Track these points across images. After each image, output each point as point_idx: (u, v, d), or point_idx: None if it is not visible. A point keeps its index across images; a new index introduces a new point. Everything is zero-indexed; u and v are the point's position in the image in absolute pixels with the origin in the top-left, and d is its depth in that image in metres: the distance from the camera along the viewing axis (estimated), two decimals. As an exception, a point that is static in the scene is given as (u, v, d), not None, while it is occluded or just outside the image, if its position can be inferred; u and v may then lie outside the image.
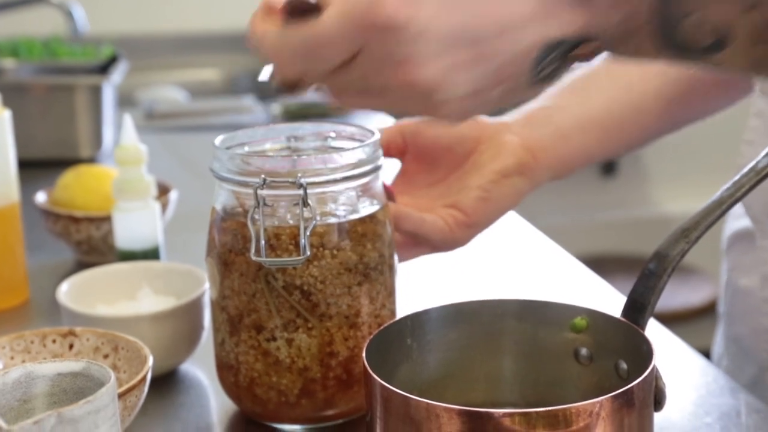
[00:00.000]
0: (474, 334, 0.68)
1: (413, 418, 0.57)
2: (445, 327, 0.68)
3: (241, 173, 0.68)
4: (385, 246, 0.71)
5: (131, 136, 0.92)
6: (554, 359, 0.67)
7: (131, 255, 0.92)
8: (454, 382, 0.68)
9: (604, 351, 0.65)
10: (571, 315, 0.66)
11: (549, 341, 0.67)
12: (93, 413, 0.50)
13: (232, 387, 0.72)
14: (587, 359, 0.66)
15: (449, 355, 0.68)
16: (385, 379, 0.59)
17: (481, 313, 0.68)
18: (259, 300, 0.69)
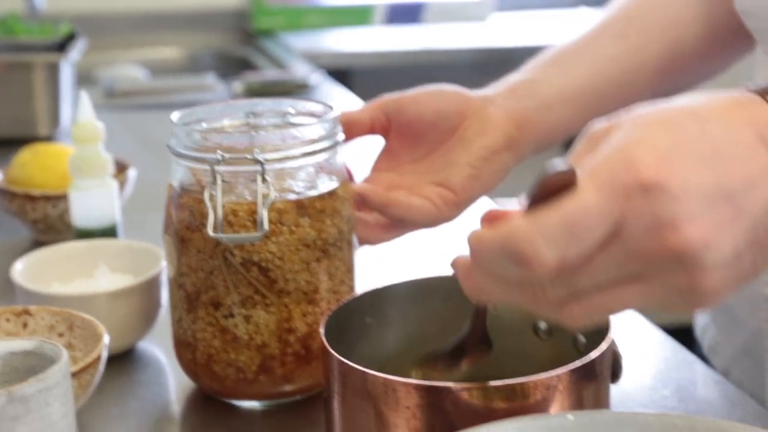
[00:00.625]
0: (433, 310, 0.68)
1: (371, 393, 0.57)
2: (403, 303, 0.68)
3: (198, 149, 0.68)
4: (344, 222, 0.71)
5: (88, 113, 0.90)
6: (513, 333, 0.67)
7: (88, 233, 0.91)
8: (412, 358, 0.68)
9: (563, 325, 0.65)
10: None
11: (508, 315, 0.67)
12: (44, 391, 0.49)
13: (190, 364, 0.72)
14: (546, 333, 0.66)
15: (408, 331, 0.68)
16: (343, 355, 0.58)
17: (440, 289, 0.68)
18: (216, 277, 0.68)
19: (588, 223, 0.46)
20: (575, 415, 0.53)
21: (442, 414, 0.55)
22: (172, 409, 0.73)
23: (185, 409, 0.73)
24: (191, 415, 0.72)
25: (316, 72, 1.84)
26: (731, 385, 0.73)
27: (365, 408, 0.57)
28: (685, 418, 0.52)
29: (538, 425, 0.52)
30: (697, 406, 0.70)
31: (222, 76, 1.89)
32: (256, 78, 1.79)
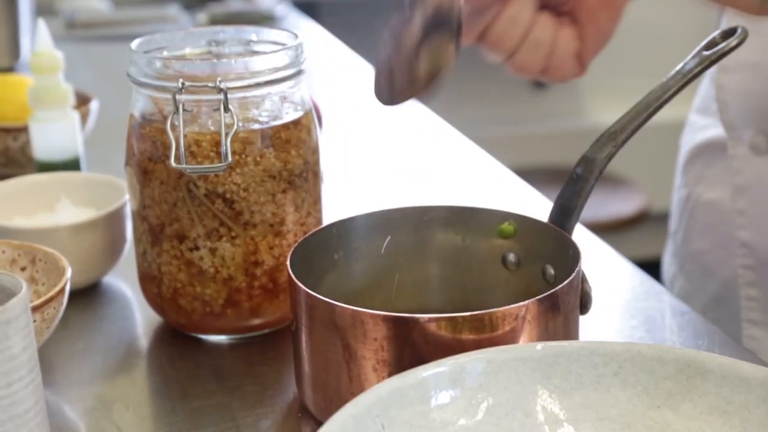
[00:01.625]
0: (400, 242, 0.67)
1: (338, 325, 0.56)
2: (371, 234, 0.67)
3: (159, 77, 0.66)
4: (309, 152, 0.70)
5: (46, 42, 0.88)
6: (482, 265, 0.67)
7: (51, 166, 0.90)
8: (381, 290, 0.68)
9: (532, 256, 0.65)
10: (498, 220, 0.66)
11: (476, 247, 0.67)
12: (3, 324, 0.48)
13: (156, 298, 0.71)
14: (515, 265, 0.66)
15: (376, 263, 0.67)
16: (311, 287, 0.58)
17: (407, 220, 0.67)
18: (180, 209, 0.67)
19: None
20: (544, 345, 0.53)
21: (411, 345, 0.55)
22: (138, 344, 0.73)
23: (152, 344, 0.72)
24: (158, 350, 0.71)
25: (282, 3, 1.81)
26: (698, 315, 0.73)
27: (333, 340, 0.57)
28: (652, 348, 0.52)
29: (507, 356, 0.52)
30: (664, 336, 0.70)
31: (186, 7, 1.86)
32: (220, 9, 1.76)
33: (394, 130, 1.20)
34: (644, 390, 0.52)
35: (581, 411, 0.52)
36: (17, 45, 1.41)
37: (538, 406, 0.52)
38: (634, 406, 0.52)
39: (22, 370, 0.50)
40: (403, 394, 0.50)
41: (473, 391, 0.51)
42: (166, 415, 0.63)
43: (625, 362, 0.52)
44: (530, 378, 0.52)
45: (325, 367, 0.58)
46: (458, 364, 0.51)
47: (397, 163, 1.08)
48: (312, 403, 0.60)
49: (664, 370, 0.51)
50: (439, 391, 0.51)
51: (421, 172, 1.04)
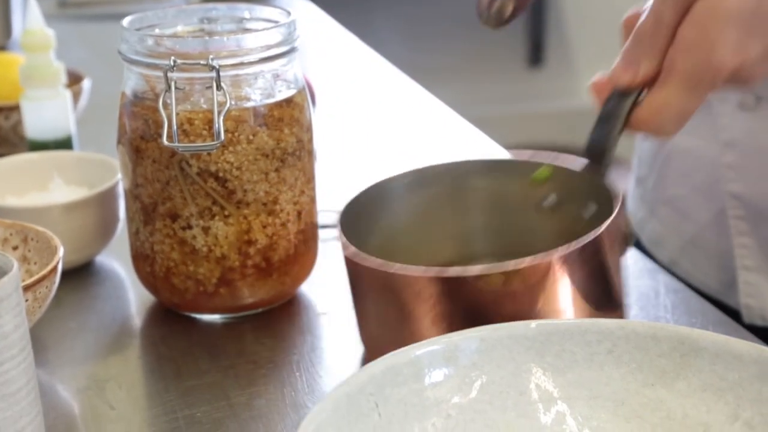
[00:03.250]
0: (440, 196, 0.69)
1: (393, 289, 0.58)
2: (410, 192, 0.68)
3: (151, 55, 0.65)
4: (303, 131, 0.69)
5: (37, 20, 0.87)
6: (521, 211, 0.68)
7: (42, 145, 0.89)
8: (426, 244, 0.69)
9: (570, 198, 0.66)
10: (534, 168, 0.67)
11: (514, 194, 0.68)
12: (-5, 303, 0.48)
13: (149, 277, 0.71)
14: (553, 208, 0.67)
15: (418, 219, 0.68)
16: (360, 247, 0.59)
17: (445, 175, 0.68)
18: (173, 187, 0.67)
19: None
20: (537, 323, 0.53)
21: (460, 301, 0.56)
22: (131, 323, 0.72)
23: (145, 323, 0.72)
24: (151, 329, 0.71)
25: (276, -19, 1.80)
26: (693, 292, 0.73)
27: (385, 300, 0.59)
28: (646, 325, 0.52)
29: (500, 334, 0.52)
30: (658, 314, 0.70)
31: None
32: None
33: (388, 108, 1.20)
34: (638, 368, 0.52)
35: (575, 389, 0.52)
36: (9, 23, 1.40)
37: (531, 384, 0.52)
38: (627, 383, 0.52)
39: (13, 349, 0.50)
40: (397, 372, 0.50)
41: (467, 369, 0.51)
42: (159, 394, 0.63)
43: (618, 340, 0.52)
44: (524, 356, 0.52)
45: (388, 326, 0.60)
46: (452, 342, 0.51)
47: (391, 141, 1.07)
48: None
49: (658, 347, 0.51)
50: (432, 369, 0.51)
51: (414, 150, 1.04)
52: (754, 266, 0.85)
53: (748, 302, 0.85)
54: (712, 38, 0.57)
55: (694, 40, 0.58)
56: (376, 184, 0.67)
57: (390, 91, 1.27)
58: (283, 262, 0.69)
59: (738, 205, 0.84)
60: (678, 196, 0.90)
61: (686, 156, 0.89)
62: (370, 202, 0.66)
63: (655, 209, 0.93)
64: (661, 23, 0.59)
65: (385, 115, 1.17)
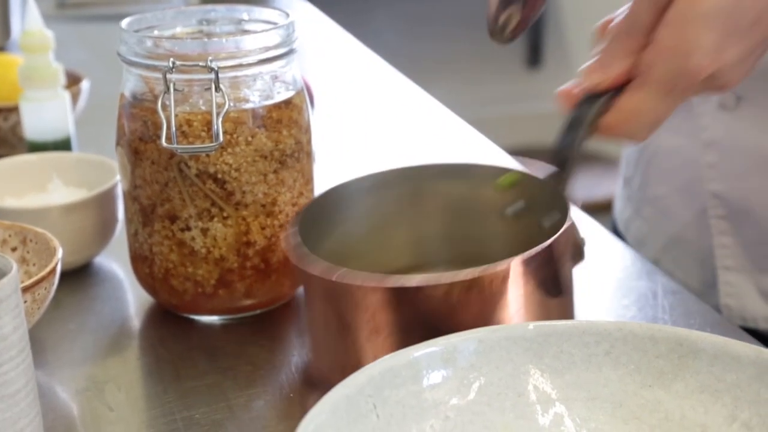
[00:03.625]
0: (399, 200, 0.68)
1: (332, 297, 0.57)
2: (369, 196, 0.68)
3: (150, 56, 0.65)
4: (301, 132, 0.69)
5: (36, 21, 0.87)
6: (481, 217, 0.68)
7: (42, 146, 0.89)
8: (383, 250, 0.69)
9: (532, 206, 0.66)
10: (497, 174, 0.67)
11: (476, 200, 0.68)
12: (-6, 305, 0.48)
13: (147, 279, 0.71)
14: (514, 216, 0.66)
15: (375, 224, 0.68)
16: (315, 252, 0.59)
17: (407, 179, 0.68)
18: (172, 189, 0.67)
19: None
20: (535, 325, 0.53)
21: (403, 312, 0.56)
22: (130, 325, 0.72)
23: (144, 325, 0.72)
24: (150, 330, 0.71)
25: (275, -18, 1.80)
26: (691, 294, 0.73)
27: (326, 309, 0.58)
28: (644, 327, 0.52)
29: (499, 335, 0.52)
30: (656, 315, 0.70)
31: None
32: (213, -11, 1.75)
33: (387, 109, 1.20)
34: (636, 369, 0.52)
35: (573, 390, 0.52)
36: (8, 24, 1.40)
37: (529, 386, 0.52)
38: (625, 385, 0.52)
39: (12, 350, 0.50)
40: (396, 374, 0.50)
41: (465, 370, 0.51)
42: (158, 395, 0.63)
43: (616, 341, 0.52)
44: (522, 357, 0.52)
45: (326, 336, 0.59)
46: (450, 344, 0.51)
47: (389, 142, 1.07)
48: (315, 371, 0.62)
49: (656, 349, 0.51)
50: (431, 370, 0.51)
51: (411, 150, 1.04)
52: (734, 266, 0.85)
53: (728, 302, 0.85)
54: (689, 41, 0.55)
55: (670, 44, 0.56)
56: (335, 187, 0.66)
57: (388, 93, 1.27)
58: (282, 263, 0.69)
59: (718, 204, 0.84)
60: (661, 195, 0.90)
61: (669, 155, 0.89)
62: (328, 206, 0.66)
63: (639, 209, 0.93)
64: (636, 24, 0.57)
65: (384, 116, 1.17)
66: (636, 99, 0.57)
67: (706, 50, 0.55)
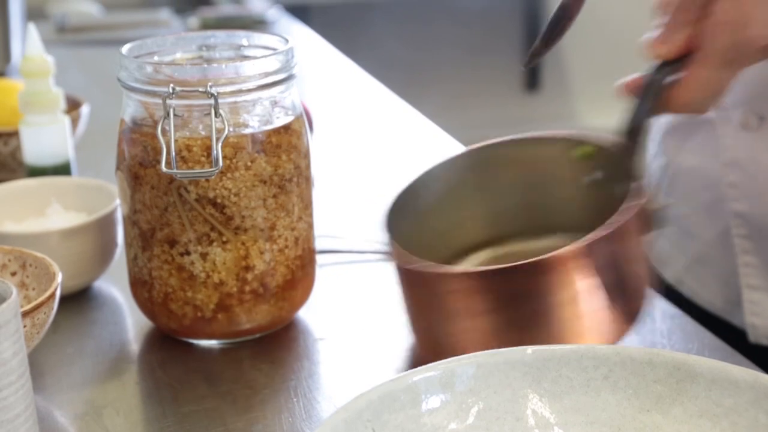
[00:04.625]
0: (475, 176, 0.71)
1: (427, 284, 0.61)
2: (448, 178, 0.71)
3: (150, 82, 0.66)
4: (300, 157, 0.70)
5: (36, 47, 0.88)
6: (555, 188, 0.70)
7: (41, 171, 0.89)
8: (467, 224, 0.71)
9: (605, 178, 0.67)
10: (570, 145, 0.69)
11: (549, 171, 0.70)
12: (-6, 330, 0.48)
13: (147, 303, 0.71)
14: (588, 186, 0.68)
15: (448, 202, 0.71)
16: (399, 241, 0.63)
17: (480, 156, 0.71)
18: (171, 214, 0.67)
19: None
20: (534, 349, 0.53)
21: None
22: (129, 349, 0.72)
23: (142, 349, 0.72)
24: (149, 355, 0.71)
25: (274, 7, 1.81)
26: (690, 318, 0.73)
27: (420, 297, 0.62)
28: (642, 351, 0.52)
29: (497, 360, 0.52)
30: (654, 339, 0.70)
31: (177, 11, 1.86)
32: (211, 13, 1.76)
33: (385, 133, 1.20)
34: (634, 393, 0.52)
35: (571, 415, 0.52)
36: (8, 49, 1.41)
37: (528, 410, 0.52)
38: (624, 409, 0.52)
39: (12, 375, 0.50)
40: (394, 398, 0.50)
41: (464, 395, 0.51)
42: (156, 420, 0.63)
43: (615, 366, 0.52)
44: (520, 382, 0.52)
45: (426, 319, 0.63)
46: (449, 368, 0.51)
47: (388, 167, 1.08)
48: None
49: (654, 373, 0.52)
50: (429, 395, 0.51)
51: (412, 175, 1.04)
52: (758, 285, 0.85)
53: (753, 321, 0.85)
54: (745, 14, 0.59)
55: (728, 17, 0.59)
56: (417, 178, 0.70)
57: (387, 117, 1.27)
58: (281, 287, 0.70)
59: (742, 223, 0.85)
60: (683, 215, 0.91)
61: (691, 175, 0.90)
62: (410, 197, 0.69)
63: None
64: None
65: (382, 141, 1.18)
66: (699, 71, 0.61)
67: (761, 21, 0.59)
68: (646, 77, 0.63)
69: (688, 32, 0.62)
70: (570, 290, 0.59)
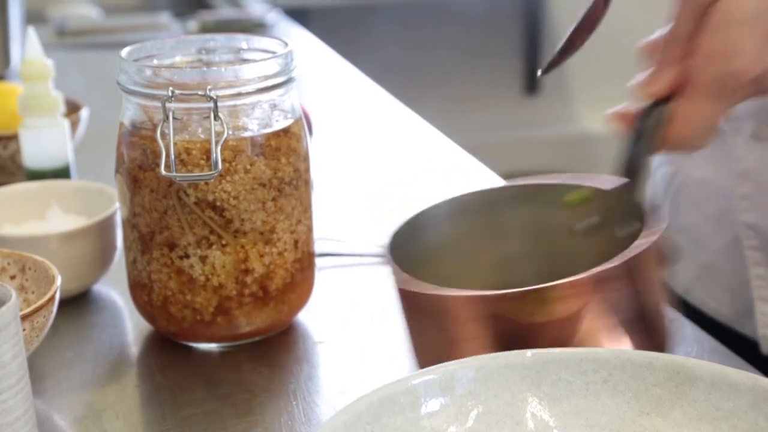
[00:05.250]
0: (482, 222, 0.69)
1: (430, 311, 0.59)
2: (454, 219, 0.69)
3: (149, 86, 0.66)
4: (300, 160, 0.70)
5: (36, 50, 0.88)
6: (559, 236, 0.68)
7: (41, 174, 0.90)
8: (466, 273, 0.69)
9: (608, 219, 0.66)
10: (567, 191, 0.67)
11: (553, 217, 0.68)
12: (-7, 333, 0.48)
13: (146, 306, 0.71)
14: (590, 232, 0.67)
15: (456, 248, 0.69)
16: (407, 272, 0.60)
17: (488, 202, 0.69)
18: (170, 217, 0.67)
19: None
20: (533, 352, 0.53)
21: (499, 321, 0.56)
22: (128, 352, 0.72)
23: (142, 352, 0.72)
24: (148, 358, 0.71)
25: (273, 10, 1.81)
26: (689, 321, 0.73)
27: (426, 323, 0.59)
28: (642, 355, 0.52)
29: (497, 363, 0.52)
30: (654, 342, 0.70)
31: (176, 14, 1.86)
32: (211, 17, 1.76)
33: (385, 137, 1.20)
34: (634, 397, 0.52)
35: (571, 418, 0.52)
36: (7, 53, 1.41)
37: (527, 414, 0.52)
38: (623, 413, 0.52)
39: (11, 378, 0.50)
40: (394, 401, 0.50)
41: (463, 398, 0.51)
42: (156, 423, 0.63)
43: (614, 369, 0.52)
44: (520, 385, 0.52)
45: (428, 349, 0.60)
46: (448, 372, 0.51)
47: (387, 170, 1.08)
48: None
49: (654, 377, 0.52)
50: (429, 398, 0.51)
51: (411, 179, 1.04)
52: None
53: (766, 333, 0.84)
54: (732, 44, 0.57)
55: (714, 48, 0.58)
56: (416, 215, 0.67)
57: (386, 120, 1.27)
58: (280, 290, 0.70)
59: (753, 235, 0.84)
60: (691, 224, 0.90)
61: (700, 186, 0.89)
62: (413, 233, 0.67)
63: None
64: (678, 34, 0.60)
65: (382, 143, 1.18)
66: (689, 105, 0.60)
67: (749, 52, 0.57)
68: (637, 122, 0.62)
69: (677, 69, 0.60)
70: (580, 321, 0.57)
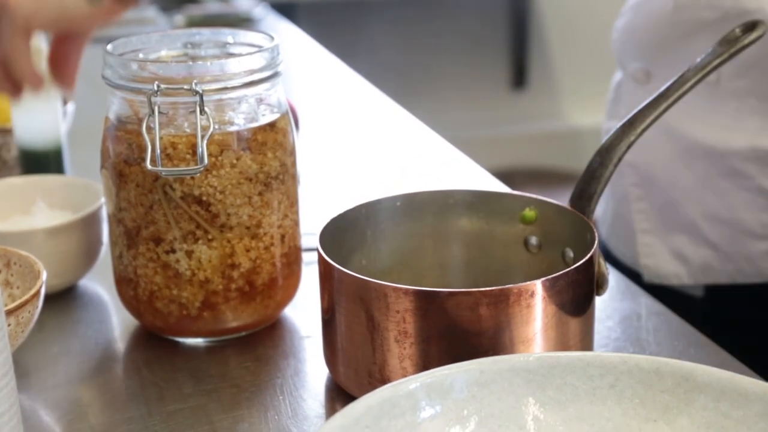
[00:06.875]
0: (426, 224, 0.69)
1: (363, 299, 0.58)
2: (397, 216, 0.69)
3: (135, 80, 0.66)
4: (286, 155, 0.69)
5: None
6: (504, 248, 0.69)
7: (33, 154, 0.89)
8: (407, 270, 0.69)
9: (552, 240, 0.67)
10: (520, 205, 0.68)
11: (499, 231, 0.69)
12: (-23, 328, 0.48)
13: (132, 301, 0.71)
14: (536, 248, 0.68)
15: (402, 244, 0.69)
16: (340, 264, 0.60)
17: (432, 203, 0.69)
18: (156, 211, 0.67)
19: None
20: (538, 356, 0.52)
21: (431, 318, 0.57)
22: (114, 347, 0.72)
23: (128, 347, 0.72)
24: (134, 353, 0.71)
25: (260, 5, 1.81)
26: (675, 316, 0.74)
27: (359, 314, 0.59)
28: (650, 360, 0.51)
29: (501, 366, 0.51)
30: (640, 337, 0.70)
31: (163, 9, 1.85)
32: (198, 11, 1.75)
33: (372, 132, 1.20)
34: (641, 403, 0.50)
35: (576, 424, 0.51)
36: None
37: (531, 418, 0.51)
38: (630, 419, 0.50)
39: (-4, 374, 0.50)
40: (394, 404, 0.49)
41: (465, 402, 0.50)
42: (142, 418, 0.63)
43: (621, 374, 0.51)
44: (524, 389, 0.51)
45: (352, 340, 0.60)
46: (450, 375, 0.50)
47: (375, 165, 1.08)
48: (343, 378, 0.62)
49: (662, 383, 0.50)
50: (430, 401, 0.50)
51: (398, 173, 1.04)
52: (649, 228, 0.93)
53: (646, 263, 0.93)
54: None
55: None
56: (366, 203, 0.67)
57: (373, 115, 1.27)
58: (267, 285, 0.70)
59: (632, 172, 0.93)
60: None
61: (606, 131, 0.98)
62: (358, 220, 0.67)
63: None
64: None
65: (369, 138, 1.18)
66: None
67: None
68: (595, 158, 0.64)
69: None
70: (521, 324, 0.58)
